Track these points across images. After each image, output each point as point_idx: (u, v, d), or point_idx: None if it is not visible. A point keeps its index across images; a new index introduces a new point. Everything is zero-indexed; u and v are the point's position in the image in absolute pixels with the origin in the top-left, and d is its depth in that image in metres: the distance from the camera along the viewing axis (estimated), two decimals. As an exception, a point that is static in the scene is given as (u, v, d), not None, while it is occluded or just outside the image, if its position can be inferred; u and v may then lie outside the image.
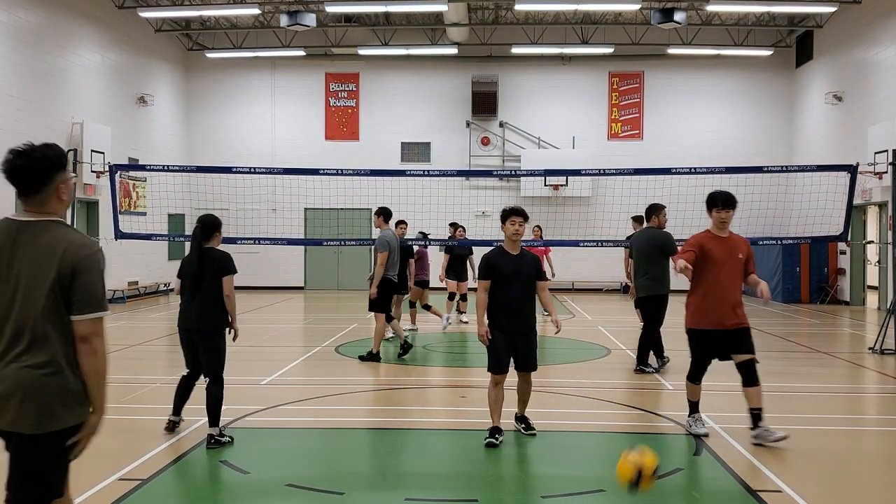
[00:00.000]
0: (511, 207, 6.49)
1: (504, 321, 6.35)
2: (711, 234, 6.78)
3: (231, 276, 6.66)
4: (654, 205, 10.14)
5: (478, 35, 22.38)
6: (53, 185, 3.16)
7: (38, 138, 12.62)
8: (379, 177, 15.97)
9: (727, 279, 6.61)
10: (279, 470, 5.67)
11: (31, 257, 3.09)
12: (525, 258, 6.46)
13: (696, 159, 20.63)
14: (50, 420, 3.07)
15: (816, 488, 5.34)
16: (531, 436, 6.52)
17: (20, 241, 3.11)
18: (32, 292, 3.07)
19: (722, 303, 6.58)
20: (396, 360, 10.55)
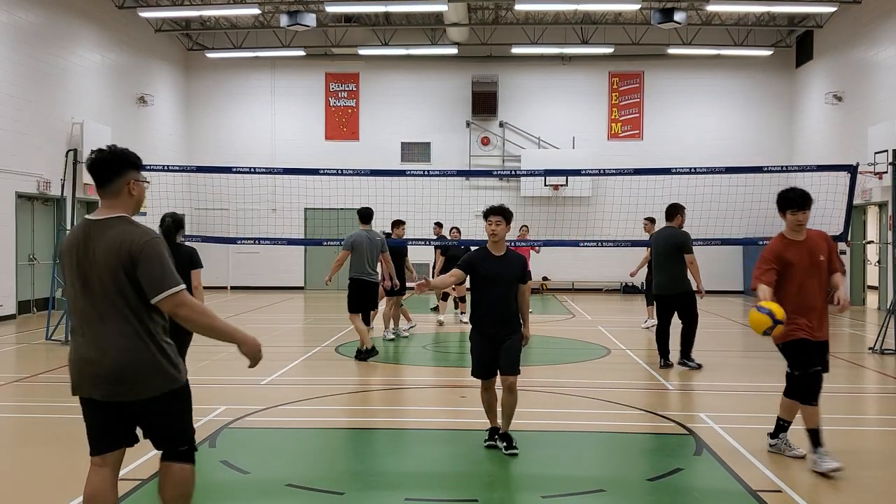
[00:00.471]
0: (491, 206, 6.13)
1: (486, 325, 6.06)
2: (787, 240, 5.93)
3: (199, 269, 6.98)
4: (677, 204, 10.32)
5: (478, 35, 22.39)
6: (125, 179, 3.64)
7: (38, 138, 12.64)
8: (379, 177, 15.98)
9: (811, 287, 5.95)
10: (279, 470, 5.67)
11: (100, 251, 3.51)
12: (510, 260, 6.12)
13: (696, 159, 20.66)
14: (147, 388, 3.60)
15: (816, 488, 5.34)
16: (512, 455, 5.93)
17: (92, 237, 3.55)
18: (104, 281, 3.51)
19: (808, 313, 5.97)
20: (394, 361, 10.55)
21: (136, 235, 3.54)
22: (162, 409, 3.66)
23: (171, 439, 3.76)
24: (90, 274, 3.54)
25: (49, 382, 9.07)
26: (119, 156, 3.64)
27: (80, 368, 3.61)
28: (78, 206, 14.03)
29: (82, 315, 3.59)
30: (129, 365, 3.53)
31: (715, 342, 13.10)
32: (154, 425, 3.72)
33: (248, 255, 23.44)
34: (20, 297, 15.85)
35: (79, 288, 3.58)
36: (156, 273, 3.51)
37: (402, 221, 13.02)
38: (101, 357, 3.53)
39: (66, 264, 3.63)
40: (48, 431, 6.98)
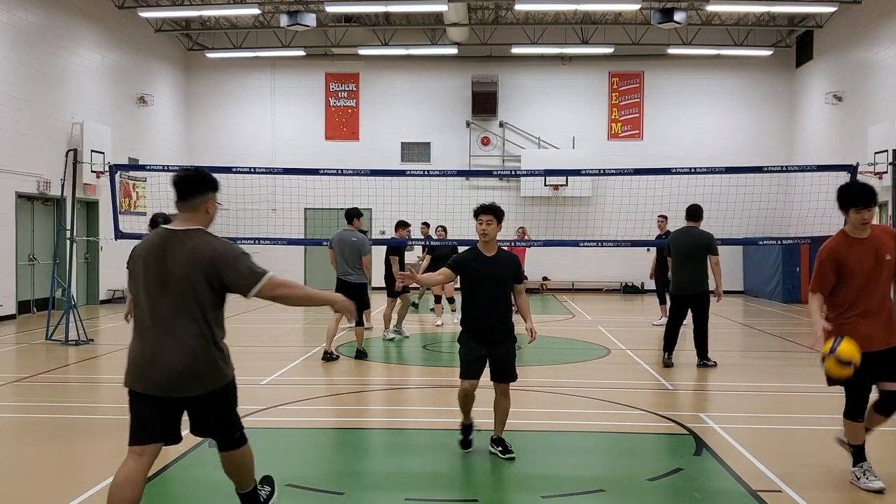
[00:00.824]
0: (482, 205, 5.95)
1: (477, 328, 5.86)
2: (849, 239, 5.44)
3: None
4: (699, 205, 10.40)
5: (478, 35, 22.38)
6: (205, 199, 4.05)
7: (38, 138, 12.64)
8: (379, 177, 15.98)
9: (874, 289, 5.20)
10: (279, 470, 5.67)
11: (190, 258, 3.88)
12: (502, 260, 5.93)
13: (696, 159, 20.65)
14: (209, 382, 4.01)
15: (816, 488, 5.34)
16: (510, 460, 5.88)
17: (172, 245, 3.93)
18: (182, 286, 3.87)
19: (871, 319, 5.17)
20: (394, 361, 10.55)
21: (217, 245, 3.95)
22: (216, 402, 4.05)
23: (225, 430, 4.17)
24: (169, 278, 3.89)
25: (49, 382, 9.07)
26: (204, 177, 4.09)
27: (142, 364, 3.94)
28: (78, 206, 14.04)
29: (153, 315, 3.93)
30: (195, 362, 3.91)
31: (715, 342, 13.08)
32: (208, 417, 4.09)
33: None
34: (20, 297, 15.86)
35: (154, 290, 3.92)
36: (243, 271, 3.92)
37: (405, 223, 13.01)
38: (168, 354, 3.88)
39: (140, 267, 3.98)
40: (48, 431, 6.98)
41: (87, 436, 6.94)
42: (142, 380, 3.94)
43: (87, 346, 11.70)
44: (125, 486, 3.93)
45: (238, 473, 4.28)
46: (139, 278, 3.99)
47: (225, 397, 4.11)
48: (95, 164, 17.24)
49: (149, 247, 4.00)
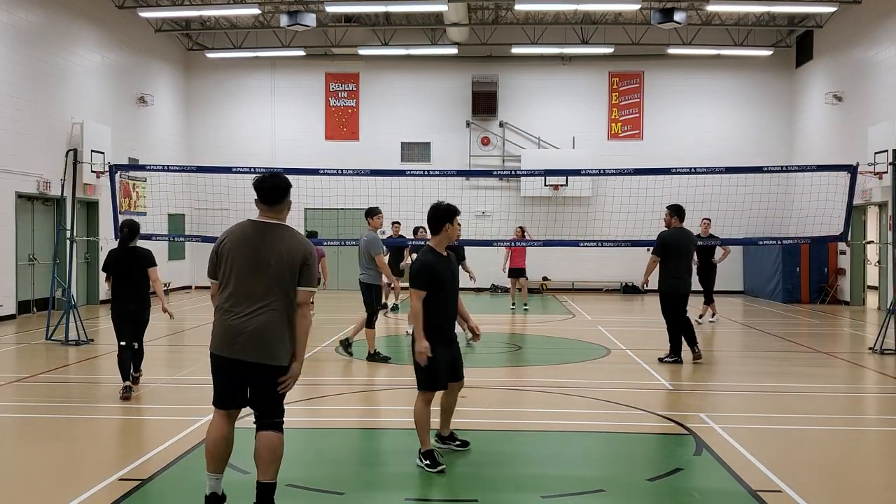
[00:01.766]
0: (453, 205, 5.87)
1: (447, 329, 5.77)
2: None
3: (155, 267, 8.41)
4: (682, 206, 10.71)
5: (478, 35, 22.38)
6: (287, 201, 4.77)
7: (38, 138, 12.66)
8: (379, 177, 15.96)
9: None
10: (280, 470, 5.67)
11: (285, 247, 4.59)
12: (452, 257, 5.91)
13: (696, 159, 20.65)
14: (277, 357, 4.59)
15: (816, 488, 5.34)
16: (466, 450, 6.04)
17: (267, 235, 4.62)
18: (275, 269, 4.54)
19: None
20: (394, 361, 10.55)
21: (306, 242, 4.70)
22: (274, 377, 4.57)
23: (272, 409, 4.66)
24: (262, 262, 4.56)
25: (49, 382, 9.07)
26: (287, 183, 4.80)
27: (232, 334, 4.53)
28: (78, 206, 14.04)
29: (244, 293, 4.56)
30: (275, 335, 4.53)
31: (715, 342, 13.10)
32: (266, 391, 4.60)
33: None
34: (20, 297, 15.85)
35: (246, 271, 4.56)
36: (312, 272, 4.66)
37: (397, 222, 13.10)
38: (259, 326, 4.50)
39: (236, 252, 4.60)
40: (48, 431, 6.98)
41: (87, 436, 6.94)
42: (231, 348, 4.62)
43: (87, 346, 11.70)
44: (220, 442, 4.69)
45: (266, 459, 4.61)
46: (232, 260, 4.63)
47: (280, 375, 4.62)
48: (95, 164, 17.23)
49: (244, 234, 4.66)
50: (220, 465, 4.71)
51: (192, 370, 9.99)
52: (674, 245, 10.31)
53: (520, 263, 17.57)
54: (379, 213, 10.91)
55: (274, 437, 4.63)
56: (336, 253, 23.18)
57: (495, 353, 11.90)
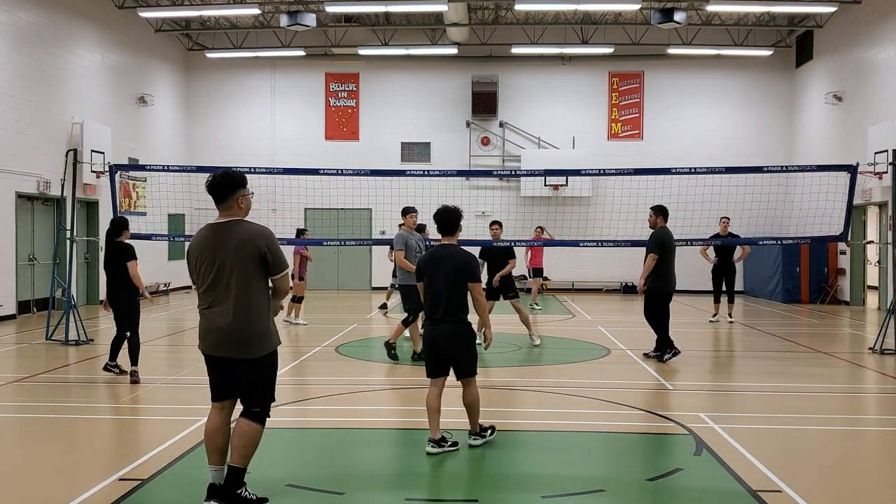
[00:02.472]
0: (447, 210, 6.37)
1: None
2: None
3: (135, 261, 8.95)
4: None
5: (478, 35, 22.38)
6: (235, 197, 4.81)
7: (38, 138, 12.68)
8: (379, 177, 15.95)
9: None
10: (279, 470, 5.67)
11: (239, 243, 4.67)
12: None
13: (696, 159, 20.65)
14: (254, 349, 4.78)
15: (816, 488, 5.34)
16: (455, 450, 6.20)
17: (222, 235, 4.74)
18: (237, 266, 4.66)
19: None
20: (394, 361, 10.55)
21: (260, 230, 4.77)
22: (257, 368, 4.77)
23: (252, 399, 4.82)
24: (219, 262, 4.68)
25: (49, 382, 9.07)
26: (233, 179, 4.85)
27: (207, 333, 4.78)
28: (78, 206, 14.03)
29: (214, 293, 4.72)
30: (243, 330, 4.68)
31: (716, 342, 13.10)
32: (245, 383, 4.80)
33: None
34: (20, 297, 15.85)
35: (209, 273, 4.72)
36: (280, 257, 4.78)
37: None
38: (228, 324, 4.67)
39: (197, 257, 4.78)
40: (48, 431, 6.98)
41: (87, 436, 6.94)
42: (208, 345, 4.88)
43: (87, 345, 11.70)
44: (217, 433, 4.85)
45: (237, 444, 4.76)
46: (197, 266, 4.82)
47: (265, 366, 4.83)
48: (95, 164, 17.23)
49: (203, 239, 4.81)
50: (217, 457, 4.84)
51: (191, 370, 9.98)
52: (668, 243, 10.38)
53: (538, 263, 17.69)
54: (413, 212, 10.76)
55: (246, 424, 4.78)
56: (336, 253, 23.20)
57: (495, 353, 11.90)
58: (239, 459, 4.76)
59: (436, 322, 6.17)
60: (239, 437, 4.77)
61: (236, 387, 4.85)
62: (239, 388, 4.85)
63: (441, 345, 6.16)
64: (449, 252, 6.26)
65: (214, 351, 4.79)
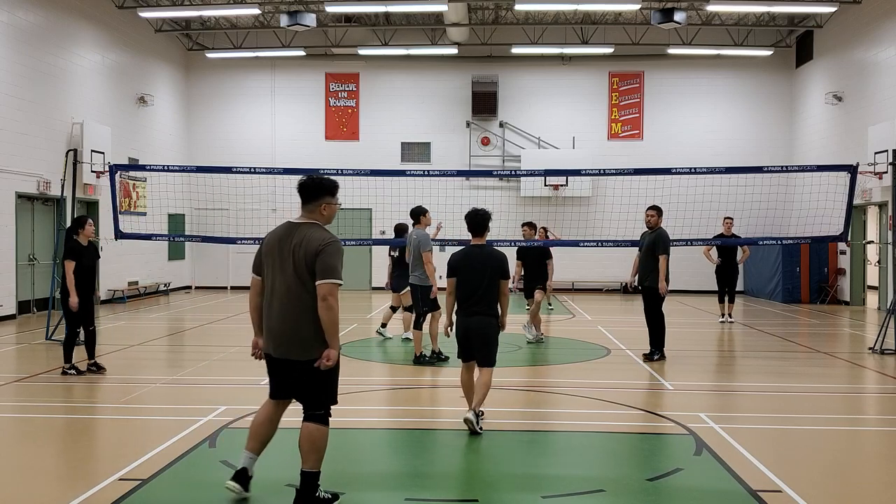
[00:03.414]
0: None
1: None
2: None
3: (67, 259, 9.18)
4: None
5: (478, 35, 22.38)
6: (320, 203, 4.94)
7: (38, 138, 12.72)
8: (379, 177, 15.96)
9: None
10: (279, 470, 5.67)
11: (304, 245, 4.76)
12: None
13: (697, 159, 20.66)
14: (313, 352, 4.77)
15: (816, 488, 5.34)
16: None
17: (293, 235, 4.84)
18: (296, 268, 4.75)
19: None
20: (394, 361, 10.55)
21: (327, 236, 4.82)
22: (310, 371, 4.75)
23: (310, 401, 4.85)
24: (284, 261, 4.79)
25: (49, 382, 9.07)
26: (319, 184, 4.97)
27: (266, 332, 4.89)
28: (78, 206, 14.03)
29: (272, 292, 4.84)
30: (297, 332, 4.73)
31: (716, 342, 13.10)
32: (301, 385, 4.84)
33: (249, 256, 23.32)
34: (20, 297, 15.85)
35: (273, 271, 4.84)
36: (328, 265, 4.70)
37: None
38: (280, 325, 4.77)
39: (268, 252, 4.90)
40: (48, 431, 6.98)
41: (87, 436, 6.95)
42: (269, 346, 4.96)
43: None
44: (264, 424, 5.06)
45: (306, 448, 4.82)
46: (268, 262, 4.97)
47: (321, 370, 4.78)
48: (95, 164, 17.23)
49: (277, 235, 4.93)
50: (256, 445, 5.03)
51: (192, 370, 9.98)
52: (670, 244, 10.40)
53: None
54: (427, 212, 10.75)
55: (310, 427, 4.82)
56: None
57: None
58: (311, 464, 4.81)
59: (468, 314, 6.73)
60: (306, 440, 4.80)
61: (293, 387, 4.90)
62: (294, 390, 4.90)
63: (472, 334, 6.73)
64: (486, 252, 6.85)
65: (271, 351, 4.87)
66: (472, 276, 6.71)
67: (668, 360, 10.49)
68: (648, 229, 10.63)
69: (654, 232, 10.53)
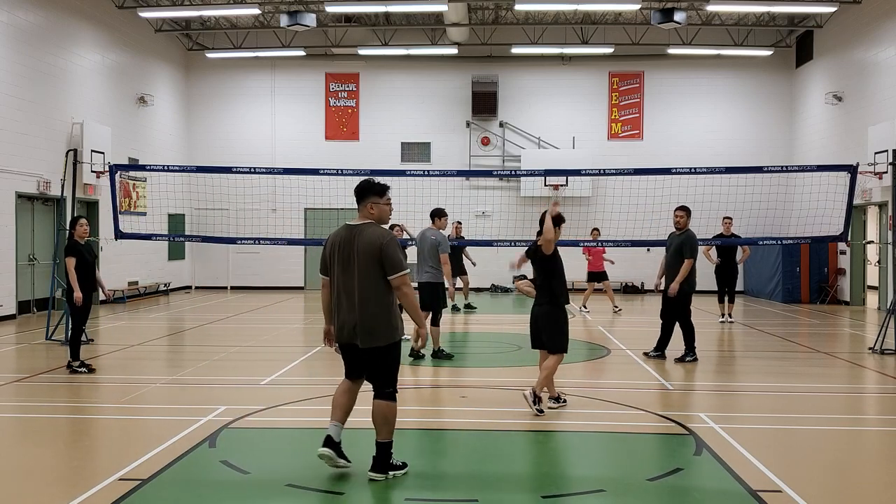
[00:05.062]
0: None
1: None
2: None
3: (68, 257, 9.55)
4: None
5: (478, 35, 22.38)
6: (366, 202, 5.46)
7: (38, 138, 12.75)
8: (379, 177, 15.90)
9: None
10: (279, 470, 5.68)
11: (362, 244, 5.32)
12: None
13: (697, 159, 20.66)
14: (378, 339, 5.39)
15: (816, 488, 5.34)
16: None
17: (354, 235, 5.39)
18: (362, 264, 5.31)
19: None
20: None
21: (382, 233, 5.36)
22: (379, 356, 5.38)
23: (378, 381, 5.46)
24: (350, 260, 5.33)
25: (49, 382, 9.07)
26: (364, 186, 5.50)
27: (339, 324, 5.44)
28: (78, 206, 14.03)
29: (342, 289, 5.39)
30: (368, 322, 5.30)
31: (716, 342, 13.10)
32: (370, 367, 5.47)
33: (248, 255, 23.45)
34: (20, 297, 15.85)
35: (341, 270, 5.38)
36: (395, 259, 5.29)
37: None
38: (352, 317, 5.33)
39: (334, 254, 5.44)
40: (48, 431, 6.98)
41: (87, 436, 6.95)
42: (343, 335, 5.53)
43: (87, 345, 11.68)
44: (343, 396, 5.63)
45: (378, 422, 5.43)
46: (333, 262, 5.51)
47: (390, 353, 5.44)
48: (95, 164, 17.24)
49: (338, 237, 5.48)
50: (339, 414, 5.57)
51: (191, 370, 9.98)
52: (698, 246, 10.50)
53: (598, 266, 17.40)
54: (446, 213, 10.99)
55: (381, 403, 5.43)
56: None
57: (495, 354, 11.91)
58: (384, 435, 5.43)
59: (538, 304, 7.54)
60: (378, 415, 5.41)
61: (363, 369, 5.52)
62: (366, 371, 5.50)
63: (540, 322, 7.51)
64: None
65: (344, 339, 5.46)
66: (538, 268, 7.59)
67: (668, 359, 10.50)
68: (677, 230, 10.51)
69: (683, 233, 10.43)
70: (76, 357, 9.49)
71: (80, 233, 9.67)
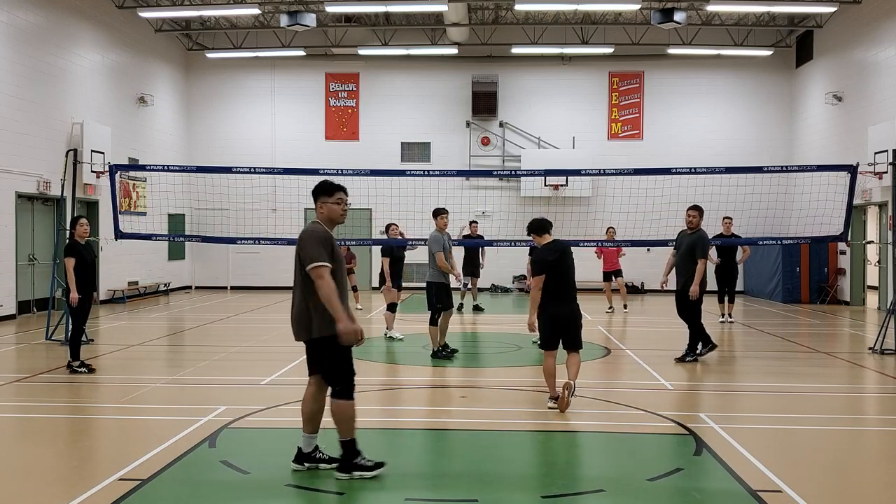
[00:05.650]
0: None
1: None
2: None
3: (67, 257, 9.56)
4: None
5: (478, 35, 22.38)
6: (317, 203, 5.66)
7: (38, 138, 12.77)
8: (379, 177, 15.95)
9: None
10: (279, 470, 5.67)
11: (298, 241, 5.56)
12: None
13: (697, 159, 20.65)
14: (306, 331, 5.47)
15: (816, 488, 5.34)
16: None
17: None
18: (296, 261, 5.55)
19: None
20: (394, 361, 10.55)
21: (306, 228, 5.56)
22: (318, 350, 5.46)
23: (326, 378, 5.53)
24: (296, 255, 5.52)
25: (49, 382, 9.07)
26: (316, 187, 5.69)
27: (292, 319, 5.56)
28: (78, 206, 14.03)
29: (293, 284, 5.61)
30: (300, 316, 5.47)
31: (717, 342, 13.09)
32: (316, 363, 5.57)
33: (248, 255, 23.45)
34: (20, 297, 15.85)
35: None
36: (307, 251, 5.39)
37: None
38: (293, 311, 5.54)
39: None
40: (48, 431, 6.98)
41: (87, 436, 6.95)
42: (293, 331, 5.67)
43: (88, 346, 11.68)
44: (307, 401, 5.61)
45: (334, 420, 5.47)
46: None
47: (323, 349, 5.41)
48: (95, 164, 17.24)
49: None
50: (308, 427, 5.59)
51: (191, 370, 9.98)
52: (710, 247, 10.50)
53: (614, 265, 17.38)
54: (444, 213, 11.14)
55: (332, 402, 5.47)
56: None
57: (495, 353, 11.91)
58: (342, 433, 5.46)
59: (561, 303, 7.68)
60: (333, 414, 5.46)
61: (316, 365, 5.56)
62: (315, 367, 5.55)
63: (564, 320, 7.60)
64: (562, 246, 7.95)
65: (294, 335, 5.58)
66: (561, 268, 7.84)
67: (667, 359, 10.50)
68: (689, 230, 10.42)
69: (695, 233, 10.34)
70: (76, 357, 9.48)
71: (80, 233, 9.67)
